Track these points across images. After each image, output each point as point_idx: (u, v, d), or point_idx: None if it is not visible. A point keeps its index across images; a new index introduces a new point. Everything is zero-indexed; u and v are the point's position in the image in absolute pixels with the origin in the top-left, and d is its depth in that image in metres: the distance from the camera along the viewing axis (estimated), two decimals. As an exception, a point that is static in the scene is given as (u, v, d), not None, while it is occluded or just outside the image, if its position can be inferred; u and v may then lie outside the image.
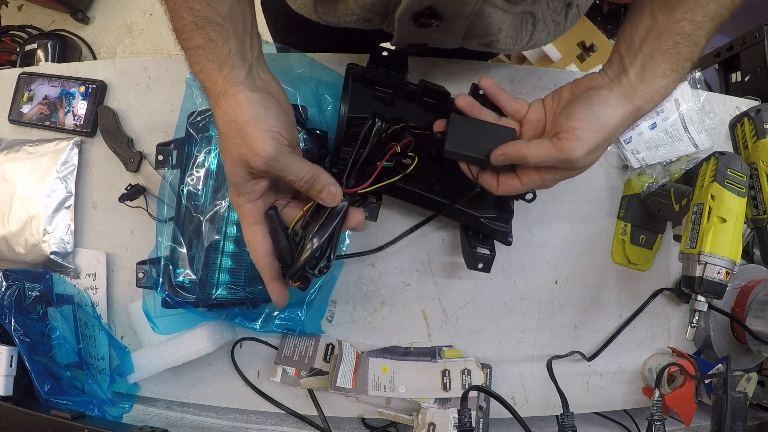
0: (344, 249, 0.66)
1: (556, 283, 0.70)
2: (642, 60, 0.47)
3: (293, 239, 0.48)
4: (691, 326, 0.57)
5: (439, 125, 0.52)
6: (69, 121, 0.70)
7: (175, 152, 0.63)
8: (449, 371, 0.63)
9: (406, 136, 0.51)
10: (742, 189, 0.56)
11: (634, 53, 0.48)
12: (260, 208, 0.47)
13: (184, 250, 0.59)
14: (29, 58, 1.70)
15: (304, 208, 0.48)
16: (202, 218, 0.59)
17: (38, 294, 0.62)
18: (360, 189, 0.50)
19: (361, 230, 0.51)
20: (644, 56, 0.47)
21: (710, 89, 0.79)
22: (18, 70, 0.72)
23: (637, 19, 0.48)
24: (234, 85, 0.43)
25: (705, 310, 0.56)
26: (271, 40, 0.81)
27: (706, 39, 0.47)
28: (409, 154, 0.53)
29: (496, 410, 0.63)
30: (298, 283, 0.48)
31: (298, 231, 0.49)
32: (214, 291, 0.59)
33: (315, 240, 0.46)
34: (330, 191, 0.46)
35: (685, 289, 0.57)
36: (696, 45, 0.46)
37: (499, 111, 0.56)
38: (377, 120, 0.49)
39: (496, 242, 0.62)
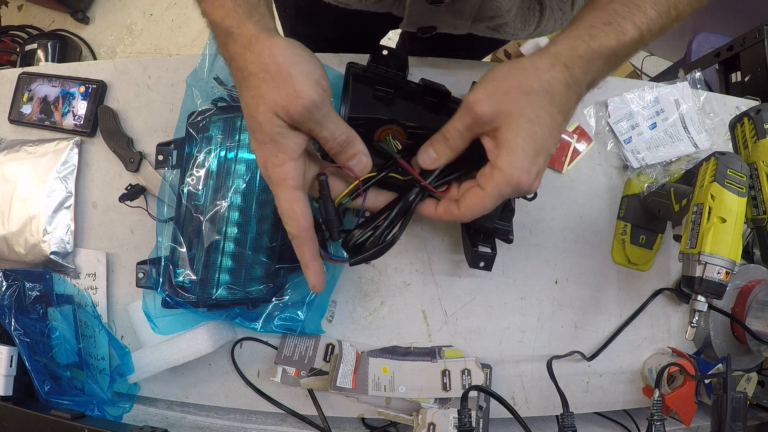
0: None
1: (556, 283, 0.70)
2: (572, 22, 0.43)
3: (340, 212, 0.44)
4: (691, 326, 0.57)
5: None
6: (69, 121, 0.69)
7: (175, 152, 0.63)
8: (449, 371, 0.63)
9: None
10: (742, 189, 0.56)
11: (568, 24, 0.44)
12: (301, 169, 0.42)
13: (184, 250, 0.59)
14: (29, 58, 1.70)
15: (361, 177, 0.44)
16: (202, 218, 0.59)
17: (38, 294, 0.62)
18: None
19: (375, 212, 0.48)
20: (575, 19, 0.43)
21: (710, 89, 0.79)
22: (18, 70, 0.72)
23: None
24: (267, 30, 0.40)
25: (705, 310, 0.56)
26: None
27: (654, 7, 0.42)
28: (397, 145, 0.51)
29: (496, 410, 0.63)
30: (347, 256, 0.44)
31: (344, 201, 0.44)
32: (214, 291, 0.58)
33: (388, 211, 0.43)
34: (362, 160, 0.43)
35: (685, 289, 0.57)
36: (635, 6, 0.41)
37: None
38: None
39: (497, 241, 0.62)
